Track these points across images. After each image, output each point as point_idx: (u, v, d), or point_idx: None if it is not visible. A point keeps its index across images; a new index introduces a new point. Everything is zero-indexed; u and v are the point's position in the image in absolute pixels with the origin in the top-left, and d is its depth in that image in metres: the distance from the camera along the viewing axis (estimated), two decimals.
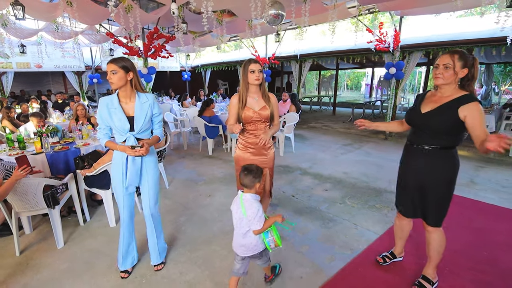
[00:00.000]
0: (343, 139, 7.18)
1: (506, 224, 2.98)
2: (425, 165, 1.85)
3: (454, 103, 1.71)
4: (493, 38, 5.30)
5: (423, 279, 2.06)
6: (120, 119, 1.97)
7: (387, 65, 6.61)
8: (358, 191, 3.86)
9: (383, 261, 2.33)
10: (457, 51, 1.73)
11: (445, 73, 1.71)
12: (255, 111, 2.30)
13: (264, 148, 2.41)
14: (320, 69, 14.38)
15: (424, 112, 1.83)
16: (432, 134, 1.79)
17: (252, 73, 2.25)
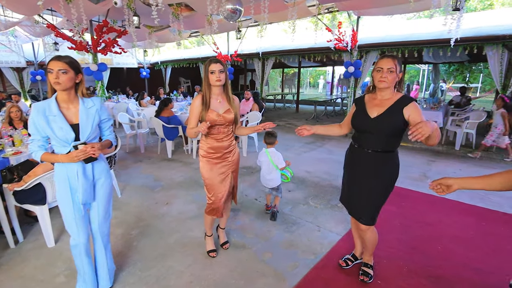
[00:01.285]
0: (305, 137, 7.21)
1: (455, 216, 3.14)
2: (370, 168, 1.89)
3: (398, 105, 1.79)
4: (440, 40, 5.67)
5: (364, 266, 2.19)
6: (62, 128, 1.67)
7: (345, 64, 6.78)
8: (321, 191, 3.85)
9: (346, 264, 2.30)
10: (395, 55, 1.81)
11: (389, 77, 1.76)
12: (219, 114, 2.12)
13: (227, 152, 2.25)
14: (283, 67, 14.49)
15: (373, 117, 1.84)
16: (382, 137, 1.82)
17: (212, 74, 2.07)
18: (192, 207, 3.36)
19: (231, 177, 2.32)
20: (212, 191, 2.26)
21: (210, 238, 2.51)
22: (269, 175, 3.00)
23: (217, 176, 2.23)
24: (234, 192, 2.45)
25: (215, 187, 2.25)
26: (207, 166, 2.23)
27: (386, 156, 1.85)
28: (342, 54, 7.20)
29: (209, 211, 2.34)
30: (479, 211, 3.28)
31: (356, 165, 1.97)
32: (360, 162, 1.93)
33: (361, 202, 1.97)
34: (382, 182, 1.89)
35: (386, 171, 1.88)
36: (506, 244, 2.62)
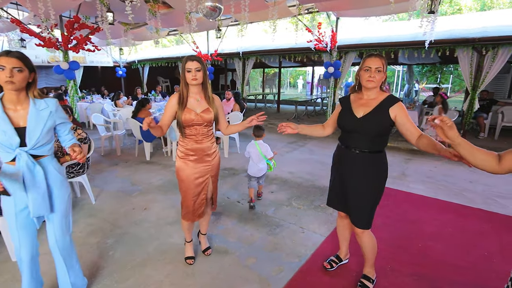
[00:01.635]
0: (288, 137, 7.25)
1: (433, 213, 3.23)
2: (358, 169, 1.85)
3: (384, 105, 1.77)
4: (416, 42, 5.86)
5: (364, 278, 2.09)
6: (6, 132, 1.48)
7: (325, 64, 6.85)
8: (304, 191, 3.84)
9: (330, 266, 2.27)
10: (381, 55, 1.79)
11: (377, 76, 1.74)
12: (197, 114, 2.02)
13: (207, 154, 2.15)
14: (263, 67, 14.49)
15: (360, 116, 1.81)
16: (369, 137, 1.79)
17: (189, 72, 1.97)
18: (172, 212, 3.22)
19: (210, 182, 2.22)
20: (185, 194, 2.16)
21: (189, 244, 2.40)
22: (259, 164, 3.30)
23: (193, 179, 2.13)
24: (213, 198, 2.35)
25: (189, 190, 2.14)
26: (183, 167, 2.13)
27: (374, 156, 1.83)
28: (322, 54, 7.27)
29: (183, 215, 2.24)
30: (456, 207, 3.40)
31: (344, 167, 1.93)
32: (348, 163, 1.89)
33: (354, 206, 1.91)
34: (372, 183, 1.85)
35: (374, 172, 1.84)
36: (480, 241, 2.71)
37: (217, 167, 2.26)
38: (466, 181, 4.27)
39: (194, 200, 2.17)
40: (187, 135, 2.09)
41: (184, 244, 2.44)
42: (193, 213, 2.21)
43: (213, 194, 2.33)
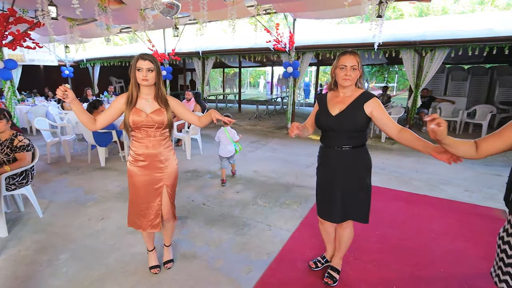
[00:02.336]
0: (250, 136, 7.29)
1: (387, 202, 3.49)
2: (346, 165, 1.85)
3: (359, 101, 1.79)
4: (366, 44, 6.28)
5: (332, 269, 2.15)
6: None
7: (284, 64, 7.02)
8: (268, 189, 3.89)
9: (315, 266, 2.27)
10: (355, 51, 1.78)
11: (353, 74, 1.75)
12: (146, 115, 1.90)
13: (159, 161, 2.00)
14: (223, 67, 14.39)
15: (335, 114, 1.82)
16: (347, 133, 1.81)
17: (139, 71, 1.85)
18: None
19: (164, 193, 2.05)
20: (131, 200, 2.04)
21: (152, 252, 2.28)
22: (228, 146, 3.98)
23: (142, 186, 1.99)
24: (172, 211, 2.17)
25: (137, 198, 2.01)
26: (133, 172, 2.00)
27: (356, 151, 1.85)
28: (280, 54, 7.43)
29: (128, 220, 2.10)
30: (406, 195, 3.71)
31: (331, 165, 1.91)
32: (334, 162, 1.89)
33: (352, 203, 1.89)
34: (363, 176, 1.88)
35: (361, 165, 1.87)
36: (428, 224, 3.00)
37: (173, 177, 2.09)
38: (413, 171, 4.69)
39: (140, 209, 2.03)
40: (136, 138, 1.96)
41: (147, 253, 2.31)
42: (139, 221, 2.06)
43: (171, 206, 2.14)
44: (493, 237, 2.74)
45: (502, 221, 3.08)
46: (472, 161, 5.29)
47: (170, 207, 2.13)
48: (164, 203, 2.08)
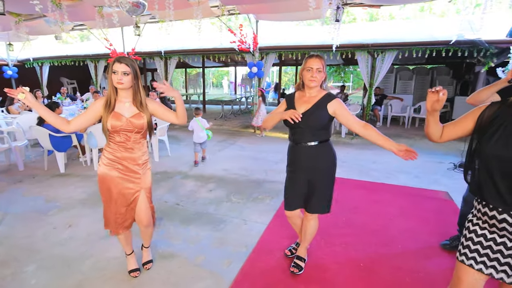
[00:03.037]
0: (218, 135, 7.32)
1: (351, 191, 3.81)
2: (312, 160, 2.00)
3: (322, 101, 1.96)
4: (325, 45, 6.68)
5: (298, 259, 2.29)
6: None
7: (249, 65, 7.17)
8: (240, 186, 4.00)
9: (291, 253, 2.42)
10: (321, 55, 1.95)
11: (318, 76, 1.91)
12: (125, 118, 1.89)
13: (137, 164, 2.01)
14: (186, 67, 14.12)
15: (301, 112, 1.96)
16: (312, 131, 1.96)
17: (115, 74, 1.83)
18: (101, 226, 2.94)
19: (143, 197, 2.05)
20: (106, 204, 2.01)
21: (131, 256, 2.25)
22: (200, 133, 4.72)
23: (119, 189, 1.97)
24: (152, 215, 2.18)
25: (112, 201, 1.99)
26: (107, 175, 1.96)
27: (322, 146, 1.99)
28: (244, 55, 7.57)
29: (104, 224, 2.08)
30: (366, 184, 4.08)
31: (299, 161, 2.05)
32: (301, 157, 2.02)
33: (316, 195, 2.05)
34: (327, 170, 2.04)
35: (326, 159, 2.02)
36: (386, 208, 3.35)
37: (149, 180, 2.11)
38: (370, 162, 5.14)
39: (116, 212, 2.02)
40: (116, 141, 1.94)
41: (126, 257, 2.28)
42: (115, 225, 2.05)
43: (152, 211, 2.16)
44: (439, 215, 3.18)
45: (445, 201, 3.56)
46: (420, 150, 5.92)
47: (149, 212, 2.12)
48: (144, 208, 2.07)
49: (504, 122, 1.19)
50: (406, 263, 2.36)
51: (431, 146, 6.36)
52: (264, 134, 7.38)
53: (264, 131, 7.44)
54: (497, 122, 1.20)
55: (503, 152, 1.19)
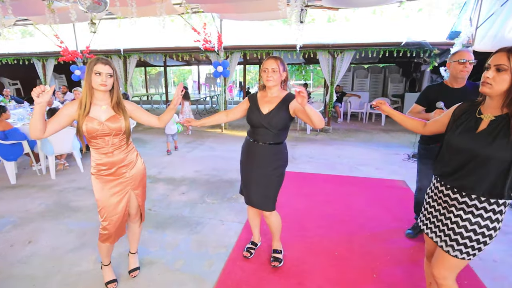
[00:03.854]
0: (184, 137, 7.17)
1: (320, 186, 4.00)
2: (265, 159, 2.08)
3: (284, 101, 2.04)
4: (289, 45, 6.87)
5: (275, 252, 2.40)
6: None
7: (214, 64, 7.11)
8: (214, 187, 3.98)
9: (250, 254, 2.46)
10: (278, 57, 2.03)
11: (274, 76, 1.98)
12: (101, 122, 1.80)
13: (123, 166, 1.93)
14: (145, 66, 13.50)
15: (265, 113, 2.03)
16: (274, 131, 2.03)
17: (98, 75, 1.74)
18: (71, 238, 2.75)
19: (132, 196, 2.02)
20: (104, 214, 1.94)
21: (108, 267, 2.15)
22: (171, 126, 5.23)
23: (111, 196, 1.92)
24: (141, 211, 2.15)
25: (108, 209, 1.93)
26: (98, 184, 1.91)
27: (278, 147, 2.09)
28: (208, 54, 7.47)
29: (104, 239, 1.98)
30: (333, 178, 4.31)
31: (252, 158, 2.12)
32: (256, 155, 2.10)
33: (262, 192, 2.13)
34: (276, 171, 2.11)
35: (278, 160, 2.11)
36: (354, 198, 3.59)
37: (139, 179, 2.05)
38: (335, 157, 5.43)
39: (115, 221, 1.95)
40: (96, 147, 1.87)
41: (101, 268, 2.16)
42: (115, 234, 2.00)
43: (141, 209, 2.14)
44: (399, 202, 3.49)
45: (404, 189, 3.91)
46: (377, 144, 6.43)
47: (137, 208, 2.11)
48: (133, 206, 2.06)
49: (468, 117, 1.38)
50: (376, 248, 2.57)
51: (387, 139, 6.92)
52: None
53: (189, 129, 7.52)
54: (464, 118, 1.40)
55: (459, 141, 1.38)
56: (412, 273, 2.25)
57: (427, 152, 2.50)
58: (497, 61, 1.23)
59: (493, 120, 1.30)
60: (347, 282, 2.16)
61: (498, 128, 1.27)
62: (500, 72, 1.22)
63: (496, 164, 1.27)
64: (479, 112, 1.37)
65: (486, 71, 1.27)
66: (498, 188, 1.30)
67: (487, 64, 1.27)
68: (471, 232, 1.38)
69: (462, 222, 1.40)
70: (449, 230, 1.45)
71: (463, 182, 1.38)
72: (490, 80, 1.24)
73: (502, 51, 1.22)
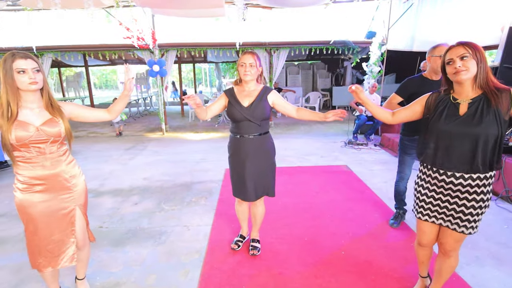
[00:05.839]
0: (121, 143, 6.55)
1: (279, 177, 4.15)
2: (256, 150, 2.14)
3: (262, 94, 2.11)
4: (226, 43, 6.86)
5: (253, 241, 2.48)
6: None
7: (149, 63, 6.65)
8: (169, 193, 3.76)
9: (238, 246, 2.48)
10: (254, 51, 2.08)
11: (252, 70, 2.03)
12: (36, 128, 1.53)
13: (65, 180, 1.67)
14: (59, 66, 11.74)
15: (247, 105, 2.07)
16: (258, 122, 2.08)
17: (21, 73, 1.45)
18: (4, 276, 2.27)
19: (79, 215, 1.76)
20: (36, 237, 1.63)
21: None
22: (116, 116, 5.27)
23: (48, 214, 1.63)
24: (88, 234, 1.90)
25: (42, 231, 1.63)
26: (29, 202, 1.59)
27: (264, 137, 2.16)
28: (140, 52, 6.93)
29: (37, 264, 1.68)
30: (286, 170, 4.52)
31: (243, 154, 2.13)
32: (246, 149, 2.12)
33: (262, 183, 2.21)
34: (270, 158, 2.22)
35: (268, 148, 2.20)
36: (308, 186, 3.85)
37: (84, 195, 1.82)
38: (283, 149, 5.69)
39: (47, 243, 1.66)
40: (24, 159, 1.55)
41: None
42: (50, 257, 1.69)
43: (87, 230, 1.88)
44: (346, 184, 3.87)
45: (348, 172, 4.34)
46: (317, 134, 6.97)
47: (86, 231, 1.84)
48: (80, 227, 1.77)
49: (446, 104, 1.52)
50: (338, 228, 2.82)
51: (325, 130, 7.56)
52: None
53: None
54: (441, 105, 1.54)
55: (449, 127, 1.47)
56: (371, 245, 2.55)
57: (411, 143, 2.57)
58: (458, 53, 1.39)
59: (471, 103, 1.43)
60: (321, 263, 2.31)
61: (480, 108, 1.39)
62: (465, 59, 1.37)
63: (485, 140, 1.39)
64: (454, 98, 1.49)
65: (451, 64, 1.42)
66: (489, 163, 1.42)
67: (448, 60, 1.43)
68: (471, 208, 1.50)
69: (469, 203, 1.50)
70: (457, 212, 1.54)
71: (456, 164, 1.47)
72: (463, 67, 1.37)
73: (456, 45, 1.42)
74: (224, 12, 5.38)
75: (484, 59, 1.39)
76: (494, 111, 1.37)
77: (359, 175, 4.19)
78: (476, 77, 1.40)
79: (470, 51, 1.37)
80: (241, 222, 2.55)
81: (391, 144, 5.46)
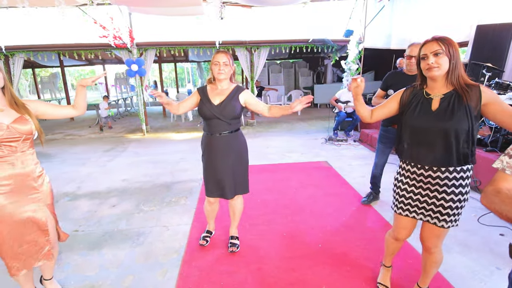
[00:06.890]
0: (100, 145, 6.39)
1: (257, 176, 4.18)
2: (227, 148, 2.16)
3: (234, 93, 2.14)
4: (206, 42, 6.81)
5: (232, 238, 2.51)
6: None
7: (127, 62, 6.51)
8: (148, 193, 3.71)
9: (206, 242, 2.51)
10: (227, 51, 2.12)
11: (226, 69, 2.05)
12: (7, 126, 1.49)
13: (33, 179, 1.63)
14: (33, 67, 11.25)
15: (217, 104, 2.09)
16: (228, 120, 2.10)
17: None
18: None
19: (48, 215, 1.73)
20: (4, 242, 1.58)
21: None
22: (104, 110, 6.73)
23: (13, 219, 1.58)
24: (58, 230, 1.86)
25: (10, 235, 1.59)
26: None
27: (234, 134, 2.18)
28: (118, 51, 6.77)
29: (12, 268, 1.63)
30: (267, 167, 4.56)
31: (215, 151, 2.15)
32: (217, 147, 2.14)
33: (235, 180, 2.22)
34: (241, 155, 2.24)
35: (239, 146, 2.22)
36: (289, 182, 3.89)
37: (50, 194, 1.79)
38: (265, 147, 5.73)
39: (21, 245, 1.63)
40: None
41: None
42: (27, 258, 1.66)
43: (56, 226, 1.85)
44: (326, 179, 3.95)
45: (328, 168, 4.42)
46: (299, 132, 7.06)
47: (55, 230, 1.82)
48: (51, 227, 1.74)
49: (419, 100, 1.54)
50: (317, 222, 2.87)
51: (306, 127, 7.66)
52: None
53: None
54: (415, 100, 1.56)
55: (422, 123, 1.49)
56: (348, 237, 2.61)
57: (386, 133, 2.91)
58: (431, 48, 1.40)
59: (443, 98, 1.45)
60: (299, 257, 2.35)
61: (451, 103, 1.42)
62: (438, 56, 1.38)
63: (458, 135, 1.41)
64: (426, 93, 1.52)
65: (425, 60, 1.44)
66: (464, 156, 1.44)
67: (422, 55, 1.45)
68: (450, 202, 1.51)
69: (448, 196, 1.50)
70: (437, 206, 1.54)
71: (431, 158, 1.49)
72: (435, 64, 1.39)
73: (431, 40, 1.43)
74: (203, 10, 5.34)
75: (457, 56, 1.40)
76: (465, 107, 1.39)
77: (338, 170, 4.28)
78: (448, 73, 1.42)
79: (444, 47, 1.37)
80: (209, 220, 2.60)
81: (370, 139, 5.61)
